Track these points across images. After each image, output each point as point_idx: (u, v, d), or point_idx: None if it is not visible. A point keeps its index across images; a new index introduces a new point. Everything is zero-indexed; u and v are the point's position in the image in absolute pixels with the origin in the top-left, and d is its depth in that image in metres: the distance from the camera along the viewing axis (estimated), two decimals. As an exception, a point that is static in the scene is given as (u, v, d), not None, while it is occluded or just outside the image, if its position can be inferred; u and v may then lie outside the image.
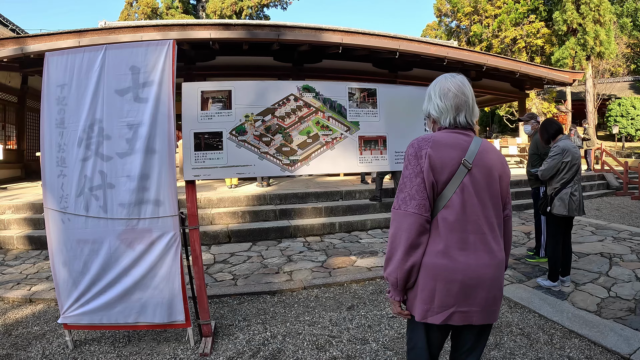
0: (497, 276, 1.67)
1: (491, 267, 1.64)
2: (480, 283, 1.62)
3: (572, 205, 4.22)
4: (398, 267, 1.61)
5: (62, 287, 3.15)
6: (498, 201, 1.72)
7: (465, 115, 1.72)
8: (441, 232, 1.62)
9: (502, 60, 12.79)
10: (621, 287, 4.29)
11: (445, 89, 1.72)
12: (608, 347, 3.09)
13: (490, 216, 1.68)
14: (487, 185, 1.68)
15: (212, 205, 7.58)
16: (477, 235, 1.64)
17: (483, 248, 1.64)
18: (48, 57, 3.09)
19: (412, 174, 1.63)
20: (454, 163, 1.62)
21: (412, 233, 1.59)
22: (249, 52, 10.70)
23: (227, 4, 35.78)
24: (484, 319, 1.66)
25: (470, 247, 1.63)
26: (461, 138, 1.69)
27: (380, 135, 3.39)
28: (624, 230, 7.03)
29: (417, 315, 1.66)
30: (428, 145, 1.63)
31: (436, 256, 1.61)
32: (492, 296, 1.65)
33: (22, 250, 6.28)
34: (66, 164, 3.06)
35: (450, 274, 1.60)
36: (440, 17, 38.49)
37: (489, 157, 1.70)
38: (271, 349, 3.20)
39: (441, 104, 1.72)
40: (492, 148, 1.75)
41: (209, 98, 3.15)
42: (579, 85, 27.34)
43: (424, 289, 1.63)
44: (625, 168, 12.48)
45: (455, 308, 1.62)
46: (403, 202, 1.63)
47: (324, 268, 5.20)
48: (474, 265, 1.61)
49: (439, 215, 1.63)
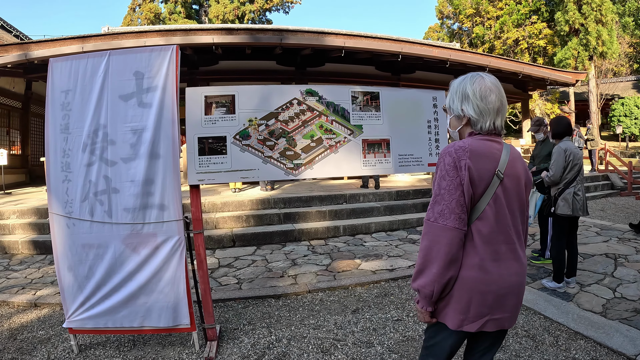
0: (523, 282, 1.71)
1: (520, 275, 1.67)
2: (511, 291, 1.64)
3: (576, 204, 4.22)
4: (435, 281, 1.58)
5: (67, 292, 3.16)
6: (524, 209, 1.72)
7: (501, 120, 1.68)
8: (476, 244, 1.61)
9: (505, 61, 12.80)
10: (626, 288, 4.27)
11: (487, 90, 1.65)
12: (614, 348, 3.07)
13: (518, 224, 1.69)
14: (517, 195, 1.67)
15: (217, 209, 7.60)
16: (507, 245, 1.64)
17: (512, 257, 1.65)
18: (52, 63, 3.11)
19: (452, 185, 1.57)
20: (490, 175, 1.60)
21: (454, 248, 1.56)
22: (252, 57, 10.75)
23: (230, 8, 35.93)
24: (512, 322, 1.70)
25: (502, 257, 1.63)
26: (494, 147, 1.65)
27: (384, 138, 3.39)
28: (629, 230, 6.99)
29: (452, 324, 1.65)
30: (466, 155, 1.57)
31: (472, 269, 1.60)
32: (519, 301, 1.69)
33: (27, 255, 6.30)
34: (71, 169, 3.07)
35: (486, 286, 1.60)
36: (442, 19, 38.47)
37: (517, 166, 1.68)
38: (276, 352, 3.20)
39: (482, 105, 1.65)
40: (518, 155, 1.73)
41: (212, 103, 3.16)
42: (582, 86, 27.30)
43: (459, 300, 1.63)
44: (629, 168, 12.43)
45: (489, 317, 1.63)
46: (441, 216, 1.57)
47: (329, 271, 5.20)
48: (506, 275, 1.63)
49: (473, 227, 1.61)
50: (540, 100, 26.51)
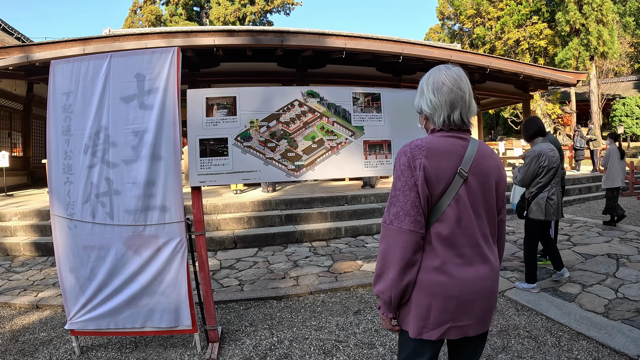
0: (495, 288, 1.61)
1: (489, 280, 1.57)
2: (479, 296, 1.54)
3: (549, 209, 4.19)
4: (393, 286, 1.50)
5: (69, 293, 3.16)
6: (493, 210, 1.62)
7: (460, 113, 1.55)
8: (436, 247, 1.52)
9: (506, 62, 12.78)
10: (629, 288, 4.26)
11: (440, 83, 1.56)
12: (616, 348, 3.07)
13: (485, 227, 1.58)
14: (483, 194, 1.57)
15: (218, 211, 7.60)
16: (473, 248, 1.54)
17: (479, 260, 1.55)
18: (54, 65, 3.11)
19: (407, 187, 1.49)
20: (450, 173, 1.50)
21: (409, 252, 1.48)
22: (253, 58, 10.75)
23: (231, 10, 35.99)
24: (479, 329, 1.59)
25: (466, 261, 1.53)
26: (457, 143, 1.55)
27: (385, 139, 3.39)
28: (631, 230, 6.99)
29: (412, 332, 1.57)
30: (422, 154, 1.49)
31: (432, 273, 1.51)
32: (488, 308, 1.59)
33: (29, 257, 6.31)
34: (72, 171, 3.08)
35: (447, 290, 1.51)
36: (442, 20, 38.49)
37: (485, 164, 1.58)
38: (278, 354, 3.20)
39: (434, 99, 1.56)
40: (488, 152, 1.62)
41: (213, 104, 3.16)
42: (583, 86, 27.28)
43: (418, 305, 1.54)
44: (631, 168, 12.42)
45: (451, 324, 1.54)
46: (396, 218, 1.49)
47: (330, 273, 5.20)
48: (471, 279, 1.53)
49: (433, 229, 1.52)
50: (541, 100, 26.53)
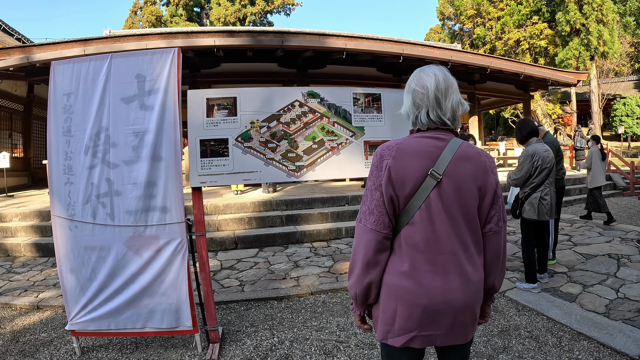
0: (469, 302, 1.48)
1: (462, 292, 1.45)
2: (447, 308, 1.45)
3: (542, 209, 4.25)
4: (357, 283, 1.50)
5: (69, 294, 3.16)
6: (474, 217, 1.49)
7: (428, 113, 1.49)
8: (405, 252, 1.46)
9: (506, 62, 12.78)
10: (629, 288, 4.26)
11: (408, 85, 1.57)
12: (617, 348, 3.06)
13: (465, 235, 1.47)
14: (460, 199, 1.46)
15: (219, 211, 7.60)
16: (447, 255, 1.45)
17: (454, 270, 1.45)
18: (54, 66, 3.11)
19: (373, 186, 1.47)
20: (419, 175, 1.43)
21: (370, 250, 1.46)
22: (254, 59, 10.76)
23: (231, 11, 35.99)
24: (449, 341, 1.50)
25: (439, 269, 1.45)
26: (432, 144, 1.47)
27: (386, 139, 3.38)
28: (632, 230, 6.98)
29: (379, 334, 1.54)
30: (390, 154, 1.46)
31: (399, 277, 1.46)
32: (460, 321, 1.48)
33: (30, 258, 6.31)
34: (73, 172, 3.08)
35: (414, 297, 1.44)
36: (443, 21, 38.47)
37: (464, 167, 1.47)
38: (279, 354, 3.20)
39: (405, 100, 1.57)
40: (471, 154, 1.50)
41: (214, 105, 3.16)
42: (583, 86, 27.28)
43: (385, 309, 1.50)
44: (631, 168, 12.41)
45: (417, 332, 1.47)
46: (363, 216, 1.48)
47: (331, 273, 5.19)
48: (441, 289, 1.44)
49: (403, 232, 1.47)
50: (541, 100, 26.53)
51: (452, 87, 1.52)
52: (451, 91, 1.51)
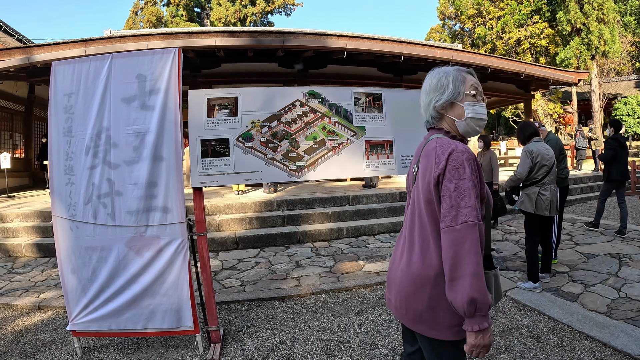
0: (403, 280, 1.60)
1: (400, 273, 1.63)
2: (392, 279, 1.70)
3: (540, 204, 4.29)
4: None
5: (70, 294, 3.16)
6: (419, 208, 1.57)
7: (425, 112, 1.73)
8: None
9: (507, 61, 12.75)
10: (631, 288, 4.26)
11: None
12: (619, 348, 3.06)
13: (413, 223, 1.60)
14: (418, 191, 1.59)
15: (220, 211, 7.60)
16: (401, 238, 1.71)
17: (400, 249, 1.69)
18: (55, 67, 3.11)
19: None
20: (412, 170, 1.69)
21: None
22: (254, 59, 10.75)
23: (232, 11, 35.96)
24: (396, 311, 1.68)
25: (397, 246, 1.73)
26: (421, 142, 1.72)
27: (387, 139, 3.39)
28: (633, 230, 6.97)
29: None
30: None
31: None
32: (399, 297, 1.63)
33: (31, 258, 6.32)
34: (74, 172, 3.08)
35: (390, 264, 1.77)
36: (443, 20, 38.41)
37: (423, 162, 1.59)
38: (280, 354, 3.20)
39: None
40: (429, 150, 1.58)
41: (215, 105, 3.16)
42: (584, 85, 27.22)
43: None
44: (632, 167, 12.38)
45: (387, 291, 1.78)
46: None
47: (332, 273, 5.19)
48: (392, 260, 1.74)
49: None
50: (542, 100, 26.51)
51: (423, 88, 1.72)
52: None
